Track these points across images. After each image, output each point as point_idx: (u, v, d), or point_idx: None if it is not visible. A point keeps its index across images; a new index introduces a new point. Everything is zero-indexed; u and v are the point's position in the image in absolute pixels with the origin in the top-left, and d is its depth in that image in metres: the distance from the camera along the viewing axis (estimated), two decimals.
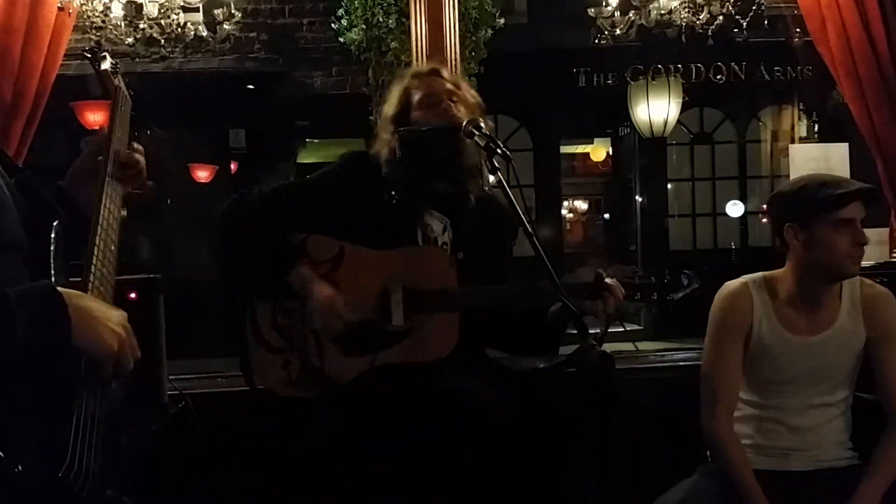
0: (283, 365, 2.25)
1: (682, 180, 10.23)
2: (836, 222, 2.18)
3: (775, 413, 2.32)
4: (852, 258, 2.21)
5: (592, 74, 8.94)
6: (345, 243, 2.28)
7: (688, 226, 10.17)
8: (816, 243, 2.21)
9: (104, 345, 1.40)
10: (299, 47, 7.66)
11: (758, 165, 10.12)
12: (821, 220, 2.19)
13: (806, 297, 2.29)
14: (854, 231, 2.19)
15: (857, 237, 2.19)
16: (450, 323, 2.25)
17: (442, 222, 2.39)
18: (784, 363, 2.29)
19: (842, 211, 2.18)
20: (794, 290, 2.29)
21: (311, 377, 2.25)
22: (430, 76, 2.42)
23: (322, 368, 2.25)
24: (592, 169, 14.04)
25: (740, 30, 4.52)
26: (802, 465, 2.29)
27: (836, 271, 2.23)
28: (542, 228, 9.43)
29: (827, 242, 2.19)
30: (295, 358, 2.26)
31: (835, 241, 2.18)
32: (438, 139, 2.29)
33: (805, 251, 2.24)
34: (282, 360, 2.26)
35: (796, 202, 2.25)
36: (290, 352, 2.26)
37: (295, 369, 2.25)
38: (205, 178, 8.92)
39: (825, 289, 2.28)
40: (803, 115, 9.50)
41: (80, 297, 1.42)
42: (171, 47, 4.83)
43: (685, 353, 3.58)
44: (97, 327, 1.40)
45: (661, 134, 8.91)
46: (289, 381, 2.25)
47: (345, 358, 2.24)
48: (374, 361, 2.24)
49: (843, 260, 2.20)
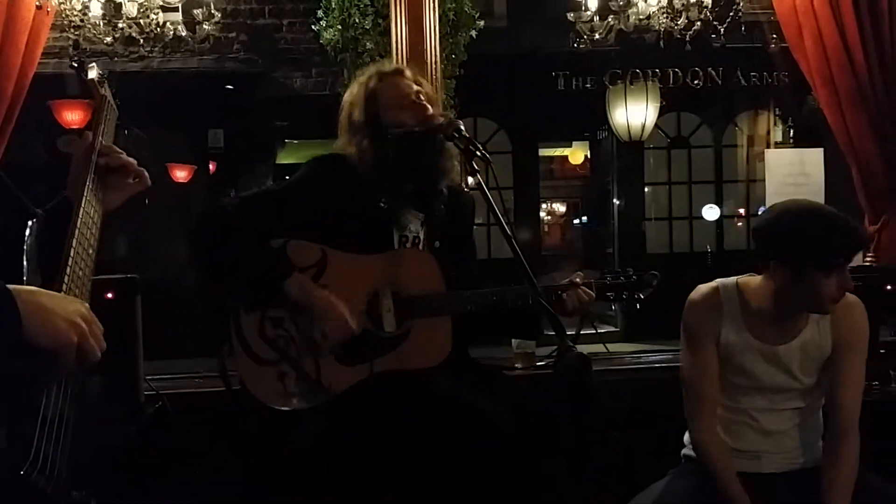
0: (279, 377, 2.20)
1: (659, 184, 10.28)
2: (826, 268, 2.12)
3: (745, 416, 2.32)
4: (836, 300, 2.18)
5: (571, 78, 8.97)
6: (325, 247, 2.26)
7: (664, 229, 10.22)
8: (802, 283, 2.15)
9: (61, 336, 1.38)
10: (279, 48, 7.63)
11: (734, 170, 10.18)
12: (812, 265, 2.13)
13: (778, 314, 2.27)
14: (842, 276, 2.14)
15: (844, 283, 2.14)
16: (444, 327, 2.24)
17: (418, 218, 2.39)
18: (751, 369, 2.29)
19: (838, 261, 2.14)
20: (769, 306, 2.27)
21: (309, 388, 2.20)
22: (394, 76, 2.40)
23: (319, 378, 2.20)
24: (570, 172, 14.09)
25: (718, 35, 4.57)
26: (774, 467, 2.31)
27: (817, 307, 2.21)
28: (521, 230, 9.45)
29: (813, 285, 2.14)
30: (290, 369, 2.20)
31: (822, 285, 2.13)
32: (426, 141, 2.28)
33: (789, 286, 2.18)
34: (276, 372, 2.20)
35: (788, 244, 2.16)
36: (284, 363, 2.21)
37: (291, 381, 2.20)
38: (183, 178, 8.86)
39: (804, 312, 2.27)
40: (779, 120, 9.58)
41: (32, 291, 1.39)
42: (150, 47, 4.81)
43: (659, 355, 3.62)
44: (51, 319, 1.37)
45: (639, 138, 8.96)
46: (286, 394, 2.20)
47: (341, 367, 2.21)
48: (373, 369, 2.21)
49: (825, 301, 2.17)
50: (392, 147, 2.30)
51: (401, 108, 2.34)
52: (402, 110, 2.33)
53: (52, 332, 1.38)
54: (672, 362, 3.20)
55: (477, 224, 2.65)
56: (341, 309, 2.17)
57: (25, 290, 1.39)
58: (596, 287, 2.32)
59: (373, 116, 2.35)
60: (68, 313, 1.41)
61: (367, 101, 2.36)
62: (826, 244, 2.12)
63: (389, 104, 2.35)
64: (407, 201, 2.36)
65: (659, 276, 2.37)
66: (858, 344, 2.29)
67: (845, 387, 2.27)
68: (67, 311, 1.41)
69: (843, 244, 2.14)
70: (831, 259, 2.13)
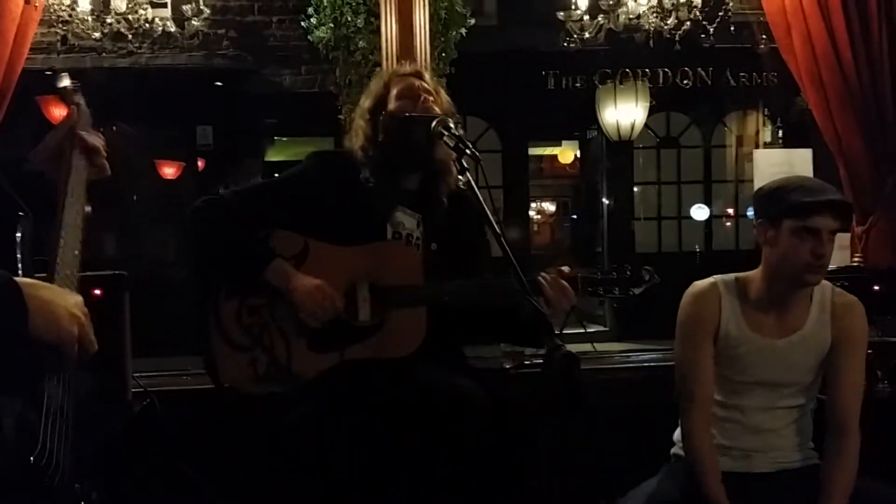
0: (250, 362, 2.25)
1: (649, 183, 10.30)
2: (800, 229, 2.17)
3: (737, 413, 2.32)
4: (812, 268, 2.20)
5: (561, 77, 8.98)
6: (308, 239, 2.30)
7: (653, 228, 10.25)
8: (780, 245, 2.21)
9: (64, 330, 1.41)
10: (268, 45, 7.62)
11: (723, 170, 10.22)
12: (786, 223, 2.19)
13: (775, 300, 2.29)
14: (817, 243, 2.17)
15: (817, 249, 2.17)
16: (418, 319, 2.26)
17: (414, 217, 2.40)
18: (749, 364, 2.30)
19: (809, 220, 2.16)
20: (764, 291, 2.29)
21: (279, 374, 2.25)
22: (412, 77, 2.45)
23: (289, 365, 2.25)
24: (560, 171, 14.09)
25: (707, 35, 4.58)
26: (764, 467, 2.30)
27: (796, 277, 2.23)
28: (510, 229, 9.44)
29: (788, 247, 2.20)
30: (262, 355, 2.26)
31: (796, 248, 2.18)
32: (417, 127, 2.29)
33: (771, 250, 2.25)
34: (248, 357, 2.26)
35: (770, 200, 2.26)
36: (256, 349, 2.26)
37: (262, 366, 2.25)
38: (171, 175, 8.83)
39: (793, 292, 2.28)
40: (768, 120, 9.61)
41: (35, 285, 1.42)
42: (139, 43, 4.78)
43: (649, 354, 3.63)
44: (55, 311, 1.40)
45: (629, 137, 8.99)
46: (256, 379, 2.25)
47: (312, 354, 2.25)
48: (343, 356, 2.24)
49: (802, 268, 2.19)
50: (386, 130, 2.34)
51: (406, 98, 2.38)
52: (408, 100, 2.37)
53: (55, 324, 1.41)
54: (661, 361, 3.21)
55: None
56: (324, 288, 2.21)
57: (29, 283, 1.41)
58: (584, 282, 2.32)
59: (380, 105, 2.40)
60: (69, 306, 1.44)
61: (378, 93, 2.43)
62: (796, 196, 2.19)
63: (396, 95, 2.39)
64: (403, 197, 2.38)
65: (652, 272, 2.34)
66: (858, 344, 2.30)
67: (845, 387, 2.28)
68: (68, 303, 1.44)
69: (811, 199, 2.17)
70: (801, 212, 2.17)
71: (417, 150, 2.32)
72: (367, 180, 2.36)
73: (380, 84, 2.46)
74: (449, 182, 2.40)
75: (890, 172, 3.63)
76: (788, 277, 2.25)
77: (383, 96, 2.41)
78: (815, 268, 2.20)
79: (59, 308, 1.41)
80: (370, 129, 2.39)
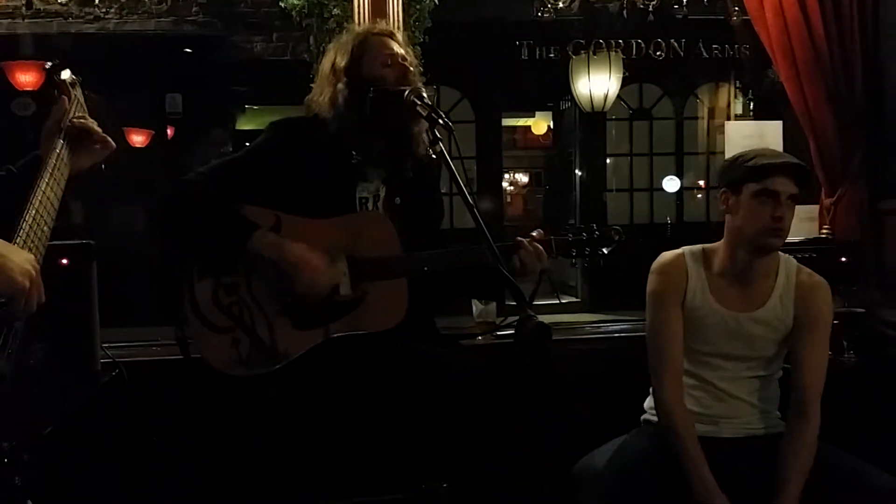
0: (232, 343, 2.19)
1: (621, 155, 10.32)
2: (759, 192, 2.24)
3: (704, 382, 2.36)
4: (771, 231, 2.25)
5: (535, 48, 8.93)
6: (280, 213, 2.25)
7: (625, 200, 10.28)
8: (740, 210, 2.28)
9: (14, 283, 1.44)
10: (238, 11, 7.51)
11: (694, 142, 10.25)
12: (747, 188, 2.27)
13: (738, 271, 2.33)
14: (776, 205, 2.24)
15: (776, 211, 2.23)
16: (399, 290, 2.24)
17: (379, 176, 2.39)
18: (713, 335, 2.34)
19: (766, 181, 2.23)
20: (728, 261, 2.34)
21: (263, 354, 2.19)
22: (387, 36, 2.41)
23: (274, 344, 2.19)
24: (533, 142, 14.09)
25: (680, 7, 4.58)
26: (732, 433, 2.35)
27: (756, 243, 2.28)
28: (483, 200, 9.43)
29: (748, 211, 2.26)
30: (243, 335, 2.19)
31: (756, 211, 2.24)
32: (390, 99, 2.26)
33: (733, 217, 2.31)
34: (230, 338, 2.19)
35: (730, 167, 2.34)
36: (237, 330, 2.20)
37: (245, 347, 2.19)
38: (140, 143, 8.72)
39: (755, 263, 2.32)
40: (739, 92, 9.64)
41: None
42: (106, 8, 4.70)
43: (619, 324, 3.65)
44: (5, 264, 1.43)
45: (602, 109, 8.96)
46: (239, 360, 2.18)
47: (296, 331, 2.20)
48: (329, 332, 2.21)
49: (761, 231, 2.25)
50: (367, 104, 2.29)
51: (384, 65, 2.34)
52: (385, 67, 2.34)
53: (6, 277, 1.43)
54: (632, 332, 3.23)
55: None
56: (319, 262, 2.18)
57: None
58: (557, 244, 2.35)
59: (356, 65, 2.35)
60: (21, 261, 1.47)
61: (354, 51, 2.37)
62: (754, 158, 2.26)
63: (374, 58, 2.35)
64: (373, 158, 2.36)
65: (621, 231, 2.42)
66: (822, 324, 2.34)
67: (808, 367, 2.31)
68: (21, 258, 1.47)
69: (769, 161, 2.25)
70: (760, 174, 2.23)
71: (390, 122, 2.30)
72: (337, 151, 2.32)
73: (354, 42, 2.39)
74: (417, 149, 2.38)
75: (858, 145, 3.66)
76: (749, 243, 2.29)
77: (358, 57, 2.36)
78: (774, 231, 2.25)
79: (9, 260, 1.44)
80: (346, 90, 2.33)
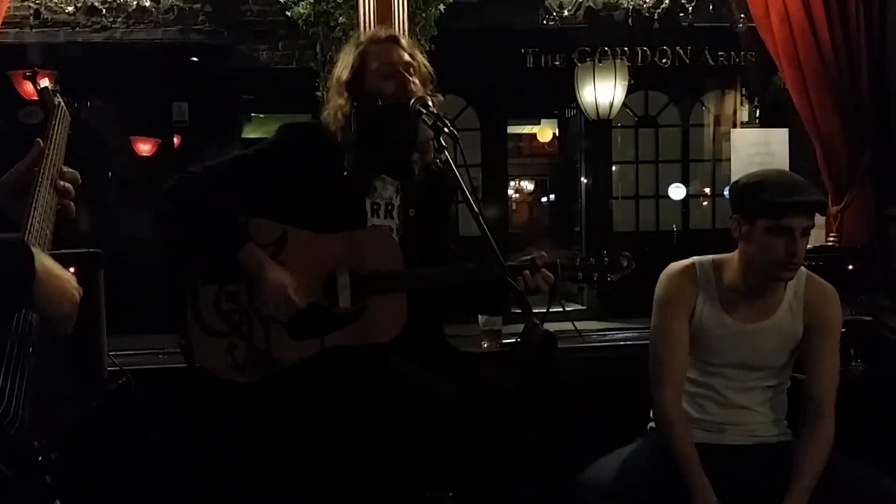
0: (229, 349, 2.21)
1: (627, 163, 10.31)
2: (774, 227, 2.19)
3: (711, 391, 2.36)
4: (785, 265, 2.22)
5: (540, 55, 8.94)
6: (287, 226, 2.25)
7: (631, 208, 10.26)
8: (754, 241, 2.23)
9: (71, 303, 1.44)
10: (245, 20, 7.53)
11: (700, 149, 10.23)
12: (761, 222, 2.21)
13: (749, 287, 2.32)
14: (790, 240, 2.19)
15: (791, 247, 2.20)
16: (398, 305, 2.24)
17: (393, 185, 2.39)
18: (721, 346, 2.33)
19: (782, 220, 2.18)
20: (740, 279, 2.32)
21: (258, 361, 2.21)
22: (388, 43, 2.38)
23: (269, 352, 2.22)
24: (539, 150, 14.08)
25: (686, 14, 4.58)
26: (737, 440, 2.34)
27: (770, 273, 2.25)
28: (489, 208, 9.42)
29: (762, 244, 2.22)
30: (240, 342, 2.22)
31: (770, 246, 2.20)
32: (394, 115, 2.26)
33: (746, 244, 2.27)
34: (226, 344, 2.22)
35: (744, 197, 2.27)
36: (234, 336, 2.22)
37: (241, 353, 2.21)
38: (147, 152, 8.74)
39: (768, 283, 2.31)
40: (745, 100, 9.63)
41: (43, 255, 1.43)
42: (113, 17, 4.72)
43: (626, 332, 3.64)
44: (63, 285, 1.43)
45: (607, 116, 8.96)
46: (234, 366, 2.21)
47: (292, 341, 2.22)
48: (323, 343, 2.22)
49: (775, 265, 2.22)
50: (360, 119, 2.30)
51: (384, 76, 2.32)
52: (386, 79, 2.32)
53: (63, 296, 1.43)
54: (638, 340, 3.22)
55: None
56: (286, 287, 2.17)
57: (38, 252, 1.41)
58: (564, 268, 2.33)
59: (358, 78, 2.34)
60: (70, 276, 1.46)
61: (355, 63, 2.36)
62: (770, 195, 2.19)
63: (376, 70, 2.33)
64: (379, 169, 2.36)
65: (630, 257, 2.35)
66: (832, 331, 2.33)
67: (820, 374, 2.30)
68: (72, 280, 1.47)
69: (786, 200, 2.17)
70: (775, 212, 2.18)
71: (396, 136, 2.31)
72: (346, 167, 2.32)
73: (355, 53, 2.38)
74: (426, 158, 2.38)
75: (864, 152, 3.65)
76: (763, 272, 2.27)
77: (360, 68, 2.35)
78: (788, 265, 2.22)
79: (66, 281, 1.44)
80: (348, 106, 2.33)
